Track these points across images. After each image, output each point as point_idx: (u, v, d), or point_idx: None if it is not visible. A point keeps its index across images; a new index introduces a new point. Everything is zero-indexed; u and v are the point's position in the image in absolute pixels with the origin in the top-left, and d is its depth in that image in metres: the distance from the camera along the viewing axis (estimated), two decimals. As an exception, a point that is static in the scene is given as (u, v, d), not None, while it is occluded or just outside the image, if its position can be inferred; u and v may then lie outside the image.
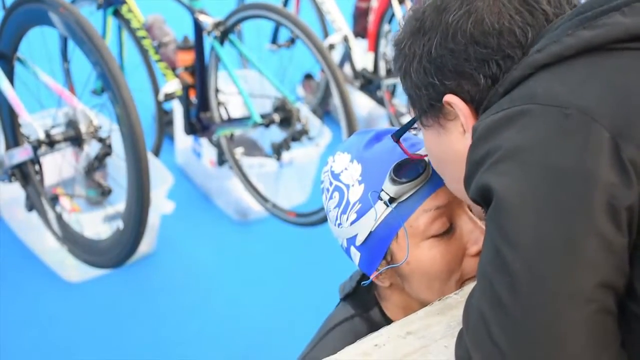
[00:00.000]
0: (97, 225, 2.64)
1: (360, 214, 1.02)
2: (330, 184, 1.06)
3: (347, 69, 3.60)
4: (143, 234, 2.21)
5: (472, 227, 1.01)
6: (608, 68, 0.78)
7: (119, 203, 2.56)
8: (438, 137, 0.93)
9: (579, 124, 0.74)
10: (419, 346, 0.97)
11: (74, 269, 2.77)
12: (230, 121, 2.84)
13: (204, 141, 3.19)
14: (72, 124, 2.25)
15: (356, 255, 1.05)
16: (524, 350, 0.72)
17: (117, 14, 2.84)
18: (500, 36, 0.85)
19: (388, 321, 1.09)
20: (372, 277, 1.05)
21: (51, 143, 2.25)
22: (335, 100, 2.56)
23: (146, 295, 2.83)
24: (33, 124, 2.27)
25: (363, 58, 3.46)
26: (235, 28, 2.77)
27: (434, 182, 1.00)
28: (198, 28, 2.71)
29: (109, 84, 2.09)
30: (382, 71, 3.43)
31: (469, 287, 1.08)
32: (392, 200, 1.00)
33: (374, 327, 1.07)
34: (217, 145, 2.99)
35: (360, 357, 0.96)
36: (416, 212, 1.00)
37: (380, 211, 1.01)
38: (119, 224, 2.25)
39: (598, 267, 0.72)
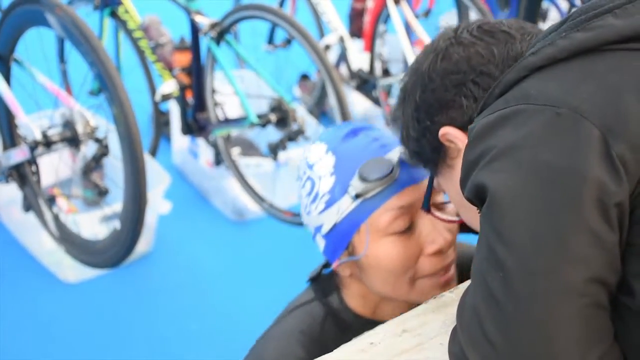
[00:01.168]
0: (94, 225, 2.65)
1: (328, 205, 1.08)
2: (304, 172, 1.11)
3: (343, 69, 3.60)
4: (140, 234, 2.21)
5: (431, 229, 1.06)
6: (601, 69, 0.79)
7: (116, 203, 2.56)
8: (451, 179, 0.97)
9: (569, 122, 0.75)
10: (415, 344, 0.97)
11: (71, 270, 2.77)
12: (227, 121, 2.85)
13: (200, 141, 3.20)
14: (68, 124, 2.25)
15: (321, 243, 1.11)
16: (517, 345, 0.73)
17: (113, 15, 2.84)
18: (469, 59, 0.92)
19: (345, 308, 1.14)
20: (333, 265, 1.11)
21: (48, 144, 2.25)
22: (332, 100, 2.57)
23: (143, 295, 2.83)
24: (30, 125, 2.27)
25: (359, 58, 3.47)
26: (232, 29, 2.77)
27: (400, 182, 1.05)
28: (194, 29, 2.72)
29: (106, 85, 2.09)
30: (378, 71, 3.44)
31: (464, 285, 1.09)
32: (358, 196, 1.04)
33: (330, 312, 1.13)
34: (214, 145, 2.99)
35: (356, 355, 0.97)
36: (379, 209, 1.05)
37: (345, 205, 1.06)
38: (116, 224, 2.26)
39: (589, 263, 0.73)
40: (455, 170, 0.95)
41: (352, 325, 1.12)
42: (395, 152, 1.05)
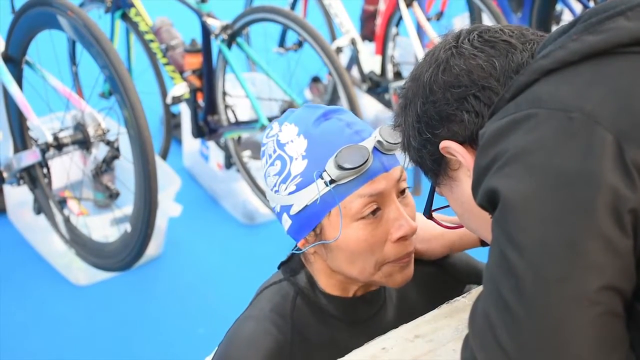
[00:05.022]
0: (104, 228, 2.65)
1: (299, 187, 1.09)
2: (274, 151, 1.12)
3: (354, 71, 3.59)
4: (150, 237, 2.22)
5: (398, 216, 1.09)
6: (612, 72, 0.79)
7: (126, 206, 2.56)
8: (452, 190, 0.97)
9: (582, 127, 0.75)
10: (427, 350, 0.97)
11: (81, 272, 2.77)
12: (238, 124, 2.85)
13: (211, 144, 3.20)
14: (80, 127, 2.25)
15: (287, 222, 1.13)
16: (530, 352, 0.73)
17: (125, 17, 2.85)
18: (470, 73, 0.91)
19: (313, 286, 1.17)
20: (298, 244, 1.14)
21: (59, 146, 2.26)
22: (343, 103, 2.56)
23: (153, 298, 2.83)
24: (41, 127, 2.28)
25: (370, 61, 3.46)
26: (243, 31, 2.77)
27: (372, 170, 1.07)
28: (206, 31, 2.72)
29: (117, 87, 2.09)
30: (390, 74, 3.43)
31: (477, 290, 1.09)
32: (332, 181, 1.07)
33: (299, 290, 1.16)
34: (225, 148, 2.99)
35: (368, 360, 0.96)
36: (351, 195, 1.07)
37: (319, 189, 1.08)
38: (127, 226, 2.26)
39: (602, 269, 0.72)
40: (456, 182, 0.95)
41: (321, 302, 1.15)
42: (369, 140, 1.08)
